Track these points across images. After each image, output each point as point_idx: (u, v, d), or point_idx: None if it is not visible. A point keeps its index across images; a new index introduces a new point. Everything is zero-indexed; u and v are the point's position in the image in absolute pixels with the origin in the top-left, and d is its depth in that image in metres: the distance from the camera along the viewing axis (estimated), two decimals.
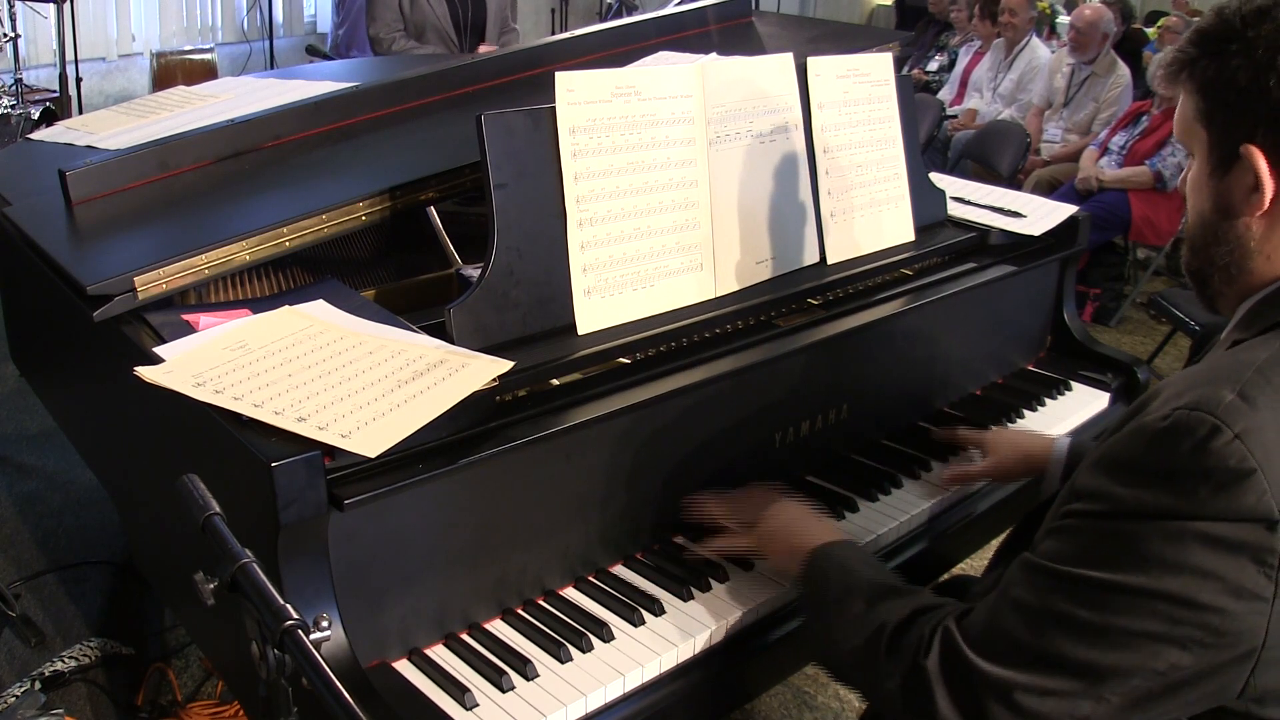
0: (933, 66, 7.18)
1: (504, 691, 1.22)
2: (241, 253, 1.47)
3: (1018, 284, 1.99)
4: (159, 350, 1.30)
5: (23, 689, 2.12)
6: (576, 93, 1.44)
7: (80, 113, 5.41)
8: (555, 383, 1.38)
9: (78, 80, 5.94)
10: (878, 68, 1.86)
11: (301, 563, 1.14)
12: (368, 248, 1.94)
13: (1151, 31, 7.16)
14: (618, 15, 7.78)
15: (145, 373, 1.23)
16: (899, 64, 1.98)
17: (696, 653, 1.34)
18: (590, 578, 1.43)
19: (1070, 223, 2.06)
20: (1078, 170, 5.11)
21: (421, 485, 1.19)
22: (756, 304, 1.61)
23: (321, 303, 1.43)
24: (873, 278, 1.80)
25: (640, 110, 1.50)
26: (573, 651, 1.29)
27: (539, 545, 1.37)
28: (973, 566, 2.62)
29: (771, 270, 1.67)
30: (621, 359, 1.46)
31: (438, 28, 3.83)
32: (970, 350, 1.96)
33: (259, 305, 1.46)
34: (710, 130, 1.58)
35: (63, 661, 2.20)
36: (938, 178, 2.08)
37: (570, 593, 1.41)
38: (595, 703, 1.24)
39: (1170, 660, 0.96)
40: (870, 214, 1.83)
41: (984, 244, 1.99)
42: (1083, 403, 2.00)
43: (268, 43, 7.68)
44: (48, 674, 2.17)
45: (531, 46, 2.50)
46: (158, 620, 2.43)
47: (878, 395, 1.77)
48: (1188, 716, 1.02)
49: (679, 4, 2.69)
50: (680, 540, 1.51)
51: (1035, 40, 6.11)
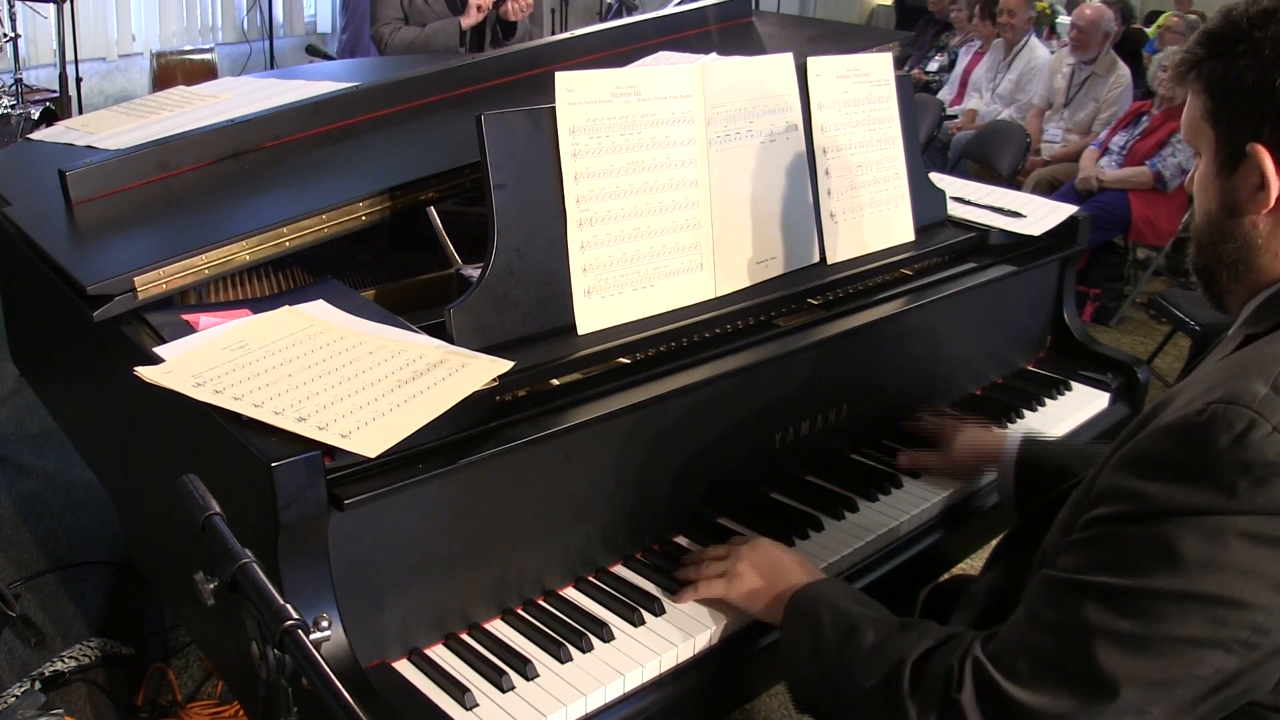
0: (933, 66, 7.18)
1: (504, 691, 1.22)
2: (241, 253, 1.47)
3: (1018, 284, 1.99)
4: (159, 350, 1.30)
5: (23, 689, 2.11)
6: (576, 93, 1.44)
7: (80, 113, 5.41)
8: (555, 383, 1.38)
9: (78, 80, 5.94)
10: (878, 68, 1.86)
11: (301, 563, 1.14)
12: (368, 248, 1.94)
13: (1151, 31, 7.16)
14: (618, 15, 7.77)
15: (145, 373, 1.23)
16: (899, 64, 1.98)
17: (696, 653, 1.34)
18: (590, 578, 1.43)
19: (1070, 223, 2.06)
20: (1078, 170, 5.11)
21: (421, 485, 1.19)
22: (757, 304, 1.61)
23: (321, 303, 1.43)
24: (873, 278, 1.80)
25: (640, 110, 1.50)
26: (573, 651, 1.29)
27: (539, 545, 1.37)
28: (973, 566, 2.62)
29: (772, 270, 1.67)
30: (621, 359, 1.46)
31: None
32: (970, 350, 1.96)
33: (259, 305, 1.46)
34: (710, 130, 1.58)
35: (63, 661, 2.20)
36: (938, 178, 2.08)
37: (570, 593, 1.41)
38: (595, 703, 1.24)
39: (1215, 664, 0.94)
40: (870, 214, 1.83)
41: (984, 244, 1.99)
42: (1083, 403, 2.00)
43: (268, 43, 7.68)
44: (48, 674, 2.17)
45: (531, 46, 2.50)
46: (158, 620, 2.43)
47: (878, 395, 1.77)
48: (1222, 715, 1.01)
49: (679, 4, 2.69)
50: (681, 540, 1.51)
51: (1035, 40, 6.11)
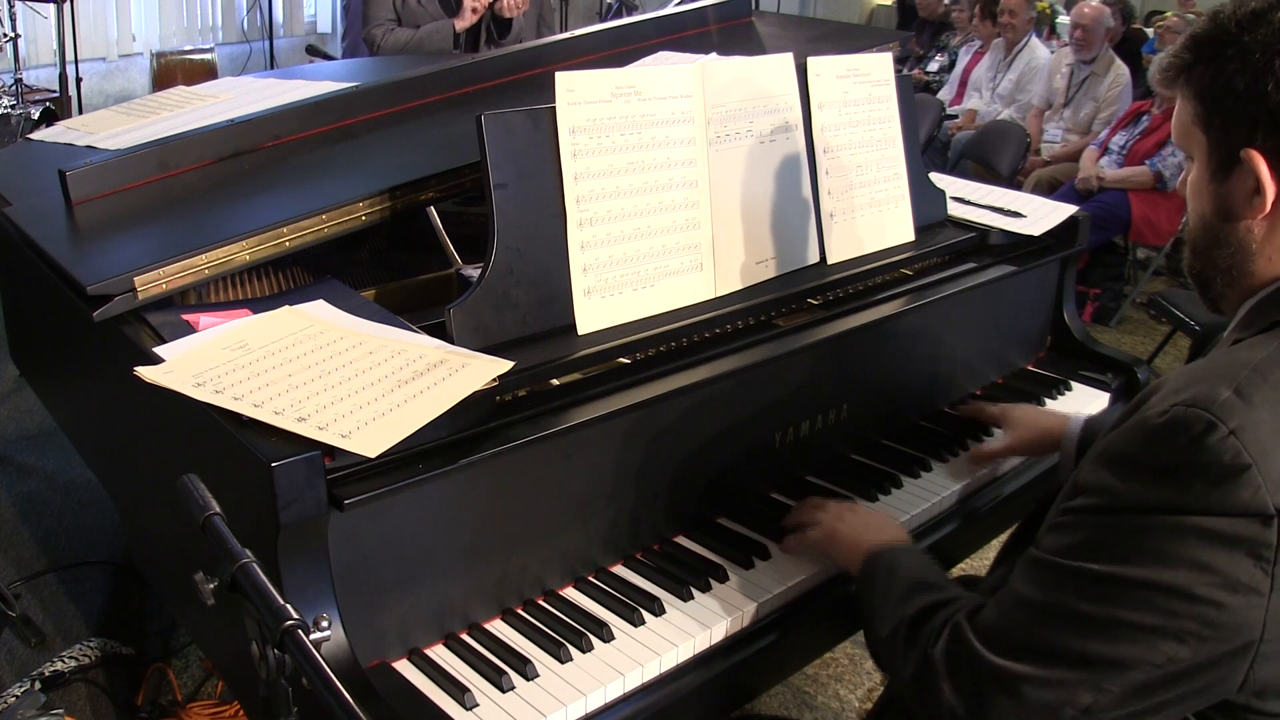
0: (933, 67, 7.18)
1: (504, 691, 1.22)
2: (241, 253, 1.47)
3: (1018, 284, 1.99)
4: (159, 350, 1.30)
5: (23, 689, 2.12)
6: (576, 93, 1.44)
7: (80, 113, 5.41)
8: (555, 383, 1.38)
9: (78, 80, 5.94)
10: (878, 68, 1.86)
11: (301, 563, 1.14)
12: (368, 248, 1.94)
13: (1152, 30, 7.16)
14: (618, 15, 7.78)
15: (145, 373, 1.23)
16: (898, 64, 1.98)
17: (697, 653, 1.34)
18: (590, 578, 1.43)
19: (1070, 223, 2.06)
20: (1078, 170, 5.11)
21: (421, 485, 1.19)
22: (757, 304, 1.61)
23: (321, 303, 1.43)
24: (873, 278, 1.80)
25: (640, 110, 1.50)
26: (573, 651, 1.29)
27: (539, 545, 1.37)
28: (973, 566, 2.62)
29: (772, 270, 1.67)
30: (621, 359, 1.46)
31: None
32: (970, 350, 1.96)
33: (259, 305, 1.46)
34: (710, 130, 1.58)
35: (63, 661, 2.20)
36: (938, 178, 2.08)
37: (570, 593, 1.41)
38: (595, 703, 1.24)
39: (1168, 653, 0.97)
40: (870, 214, 1.83)
41: (984, 244, 1.99)
42: (1083, 403, 1.99)
43: (268, 43, 7.68)
44: (48, 674, 2.17)
45: (531, 46, 2.50)
46: (158, 620, 2.43)
47: (878, 395, 1.77)
48: (1192, 711, 1.04)
49: (679, 4, 2.69)
50: (681, 540, 1.51)
51: (1035, 40, 6.11)
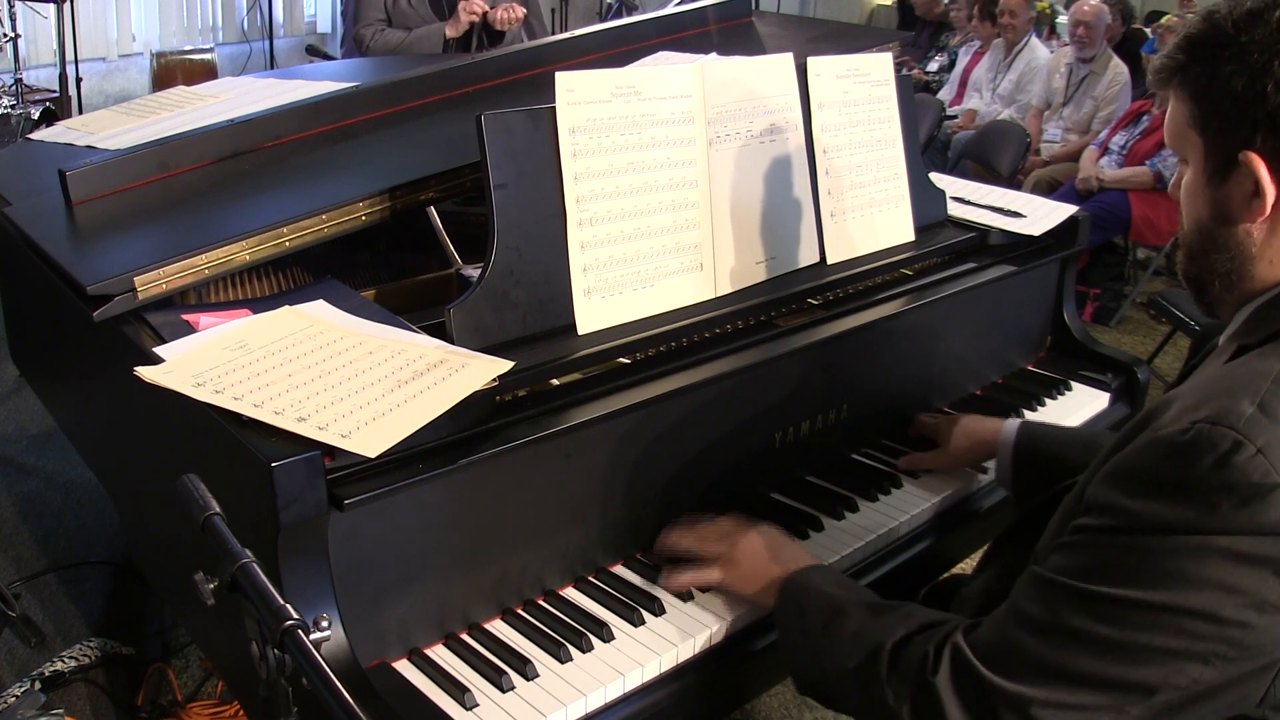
0: (933, 66, 7.18)
1: (504, 691, 1.22)
2: (241, 253, 1.47)
3: (1018, 284, 1.99)
4: (159, 350, 1.30)
5: (23, 689, 2.11)
6: (576, 93, 1.44)
7: (80, 113, 5.41)
8: (555, 383, 1.38)
9: (78, 80, 5.94)
10: (878, 68, 1.86)
11: (301, 563, 1.14)
12: (368, 248, 1.94)
13: (1151, 30, 7.16)
14: (618, 15, 7.78)
15: (145, 373, 1.23)
16: (898, 64, 1.98)
17: (696, 653, 1.34)
18: (590, 578, 1.43)
19: (1070, 223, 2.06)
20: (1077, 170, 5.11)
21: (421, 485, 1.19)
22: (756, 304, 1.61)
23: (321, 303, 1.43)
24: (872, 278, 1.80)
25: (640, 110, 1.50)
26: (573, 651, 1.29)
27: (539, 545, 1.37)
28: (973, 566, 2.61)
29: (771, 270, 1.67)
30: (621, 359, 1.46)
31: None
32: (970, 350, 1.96)
33: (259, 305, 1.46)
34: (710, 130, 1.58)
35: (63, 661, 2.20)
36: (938, 178, 2.08)
37: (570, 593, 1.41)
38: (595, 703, 1.24)
39: (1193, 675, 0.95)
40: (870, 214, 1.83)
41: (984, 244, 1.99)
42: (1082, 403, 1.99)
43: (268, 43, 7.68)
44: (48, 674, 2.17)
45: (531, 46, 2.50)
46: (158, 620, 2.43)
47: (878, 395, 1.77)
48: None
49: (679, 4, 2.69)
50: None
51: (1035, 40, 6.11)
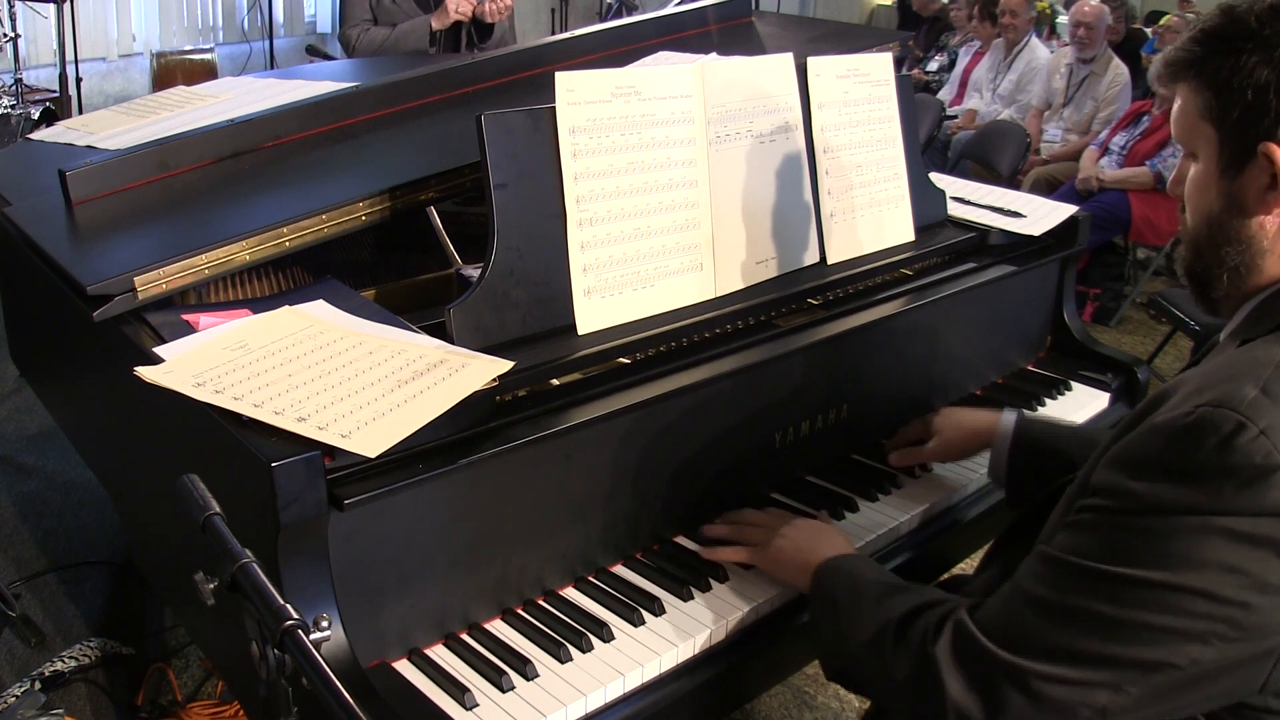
0: (933, 66, 7.18)
1: (504, 691, 1.22)
2: (241, 253, 1.47)
3: (1018, 284, 1.99)
4: (159, 350, 1.30)
5: (23, 689, 2.11)
6: (576, 93, 1.44)
7: (80, 113, 5.41)
8: (555, 383, 1.38)
9: (78, 80, 5.94)
10: (878, 68, 1.86)
11: (301, 563, 1.14)
12: (368, 248, 1.94)
13: (1151, 30, 7.16)
14: (618, 15, 7.78)
15: (145, 373, 1.23)
16: (898, 64, 1.98)
17: (696, 653, 1.34)
18: (590, 578, 1.43)
19: (1070, 223, 2.06)
20: (1076, 169, 5.11)
21: (421, 485, 1.19)
22: (756, 304, 1.61)
23: (321, 303, 1.43)
24: (873, 278, 1.80)
25: (640, 110, 1.50)
26: (573, 651, 1.29)
27: (539, 545, 1.37)
28: (973, 566, 2.61)
29: (771, 270, 1.67)
30: (621, 359, 1.46)
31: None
32: (970, 350, 1.96)
33: (259, 305, 1.46)
34: (710, 130, 1.58)
35: (63, 661, 2.20)
36: (938, 178, 2.07)
37: (570, 593, 1.41)
38: (595, 703, 1.24)
39: (1193, 655, 0.96)
40: (870, 214, 1.83)
41: (984, 244, 1.99)
42: (1082, 403, 1.99)
43: (268, 43, 7.69)
44: (48, 674, 2.17)
45: (531, 46, 2.50)
46: (158, 620, 2.43)
47: (878, 395, 1.77)
48: (1207, 711, 1.03)
49: (679, 4, 2.69)
50: (681, 540, 1.51)
51: (1035, 40, 6.11)
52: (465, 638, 1.31)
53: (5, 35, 5.21)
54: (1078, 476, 1.12)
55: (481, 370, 1.24)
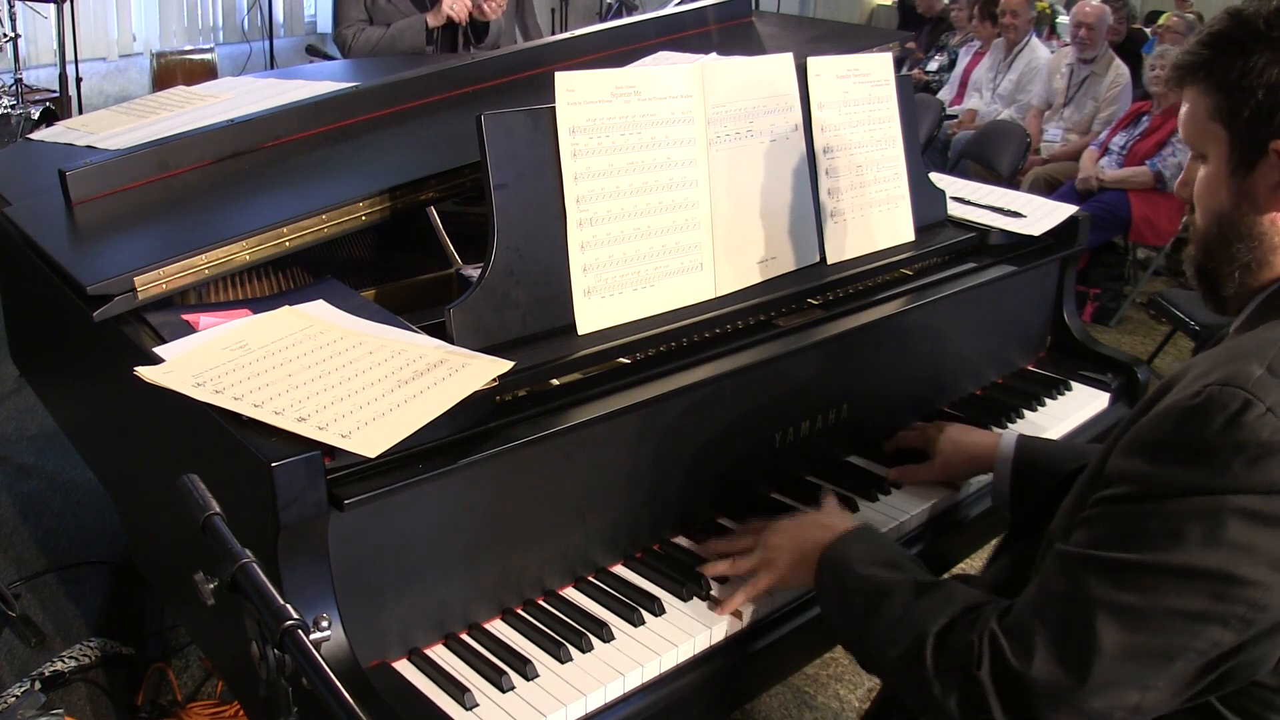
0: (933, 66, 7.18)
1: (504, 691, 1.22)
2: (241, 253, 1.47)
3: (1018, 284, 1.99)
4: (159, 350, 1.30)
5: (23, 689, 2.11)
6: (576, 93, 1.44)
7: (80, 113, 5.41)
8: (555, 383, 1.38)
9: (78, 80, 5.95)
10: (878, 68, 1.86)
11: (301, 563, 1.14)
12: (368, 248, 1.94)
13: (1150, 30, 7.16)
14: (618, 15, 7.78)
15: (145, 373, 1.23)
16: (898, 64, 1.98)
17: (697, 653, 1.34)
18: (590, 578, 1.43)
19: (1070, 223, 2.06)
20: (1075, 168, 5.11)
21: (421, 485, 1.19)
22: (756, 304, 1.61)
23: (321, 303, 1.43)
24: (872, 278, 1.80)
25: (640, 110, 1.50)
26: (573, 651, 1.29)
27: (539, 545, 1.37)
28: (973, 566, 2.62)
29: (771, 270, 1.67)
30: (621, 359, 1.46)
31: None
32: (970, 350, 1.96)
33: (259, 305, 1.46)
34: (710, 130, 1.58)
35: (63, 661, 2.20)
36: (938, 178, 2.08)
37: (570, 593, 1.41)
38: (595, 703, 1.24)
39: (1213, 639, 0.97)
40: (870, 214, 1.83)
41: (984, 244, 1.99)
42: (1082, 403, 1.99)
43: (268, 43, 7.69)
44: (48, 674, 2.17)
45: (531, 46, 2.50)
46: (158, 620, 2.43)
47: (878, 395, 1.77)
48: (1223, 694, 1.03)
49: (679, 4, 2.69)
50: (681, 540, 1.51)
51: (1035, 40, 6.11)
52: (465, 638, 1.31)
53: (5, 35, 5.21)
54: (1089, 466, 1.13)
55: (481, 370, 1.24)
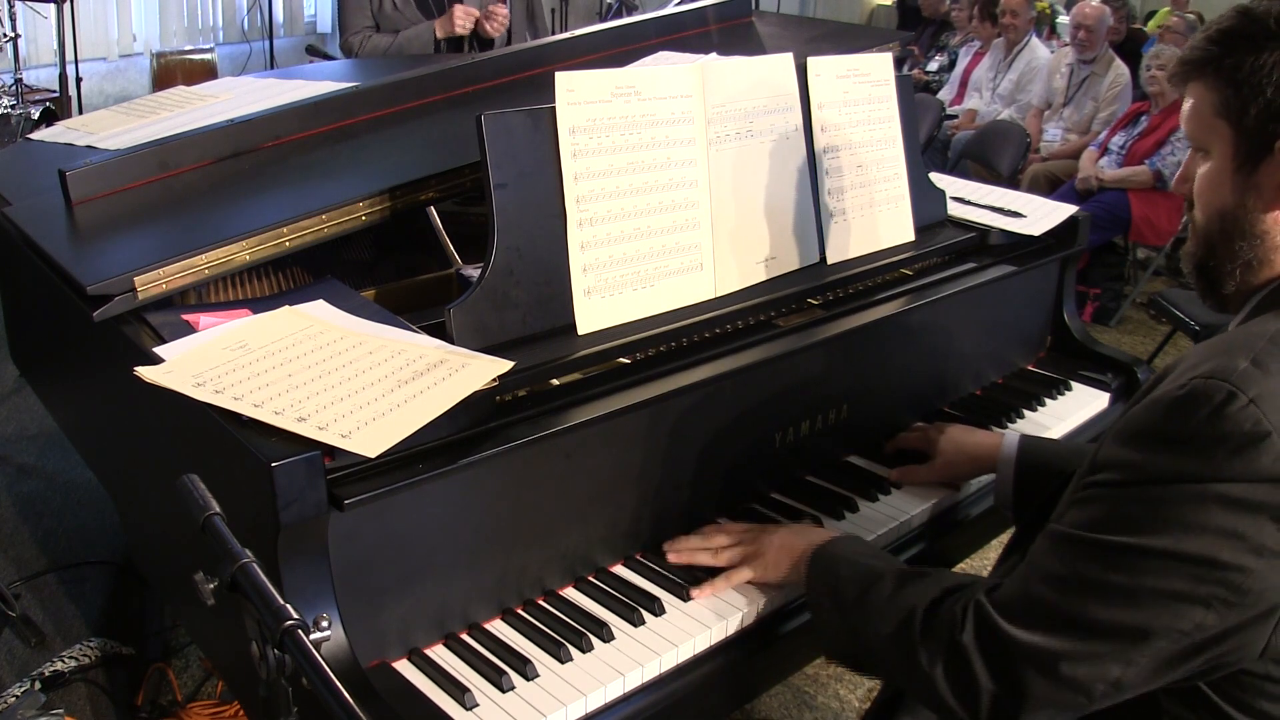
0: (933, 66, 7.18)
1: (504, 691, 1.22)
2: (241, 253, 1.47)
3: (1018, 284, 1.99)
4: (159, 350, 1.30)
5: (23, 689, 2.12)
6: (576, 93, 1.44)
7: (80, 113, 5.41)
8: (555, 383, 1.38)
9: (78, 80, 5.94)
10: (878, 68, 1.86)
11: (301, 563, 1.14)
12: (368, 248, 1.94)
13: (1151, 25, 7.16)
14: (618, 15, 7.77)
15: (145, 373, 1.23)
16: (898, 64, 1.98)
17: (697, 652, 1.34)
18: (590, 578, 1.43)
19: (1070, 223, 2.06)
20: (1075, 167, 5.11)
21: (421, 485, 1.19)
22: (756, 304, 1.61)
23: (321, 303, 1.43)
24: (873, 278, 1.80)
25: (640, 110, 1.50)
26: (573, 651, 1.29)
27: (539, 545, 1.37)
28: (973, 566, 2.62)
29: (771, 270, 1.67)
30: (621, 359, 1.46)
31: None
32: (970, 350, 1.96)
33: (259, 305, 1.46)
34: (710, 130, 1.58)
35: (63, 661, 2.20)
36: (938, 178, 2.08)
37: (570, 593, 1.41)
38: (595, 703, 1.24)
39: (1195, 620, 0.99)
40: (870, 214, 1.83)
41: (984, 244, 1.99)
42: (1082, 403, 1.99)
43: (268, 43, 7.68)
44: (48, 674, 2.17)
45: (531, 46, 2.50)
46: (158, 620, 2.43)
47: (878, 395, 1.77)
48: (1211, 679, 1.06)
49: (679, 4, 2.69)
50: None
51: (1035, 40, 6.12)
52: (465, 638, 1.31)
53: (5, 35, 5.21)
54: (1086, 459, 1.15)
55: (481, 370, 1.24)
